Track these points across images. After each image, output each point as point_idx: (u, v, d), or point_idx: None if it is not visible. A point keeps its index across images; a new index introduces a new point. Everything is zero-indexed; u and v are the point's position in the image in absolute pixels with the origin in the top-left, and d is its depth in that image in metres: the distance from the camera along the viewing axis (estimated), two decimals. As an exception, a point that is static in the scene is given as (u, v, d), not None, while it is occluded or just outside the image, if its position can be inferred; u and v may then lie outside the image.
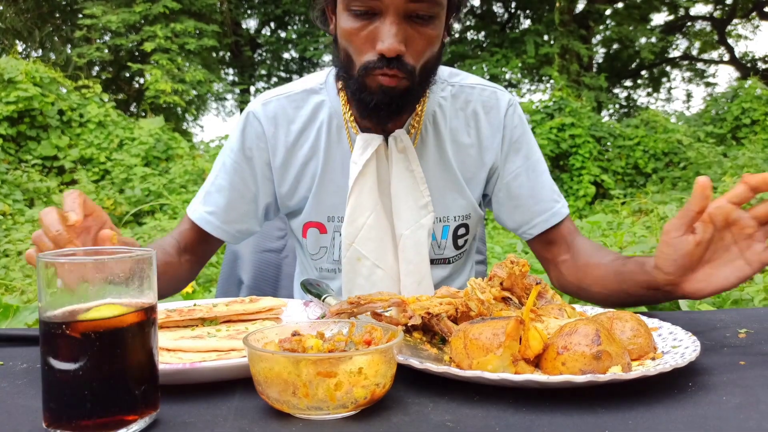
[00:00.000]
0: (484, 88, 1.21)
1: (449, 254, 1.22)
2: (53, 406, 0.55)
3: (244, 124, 1.18)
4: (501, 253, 3.88)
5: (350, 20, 1.01)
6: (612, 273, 1.05)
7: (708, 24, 16.35)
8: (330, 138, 1.16)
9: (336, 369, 0.57)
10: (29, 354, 0.84)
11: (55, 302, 0.55)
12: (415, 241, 1.14)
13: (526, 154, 1.20)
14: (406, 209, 1.13)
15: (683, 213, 0.84)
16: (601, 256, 1.11)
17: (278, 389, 0.58)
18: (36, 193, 7.00)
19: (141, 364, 0.57)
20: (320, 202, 1.18)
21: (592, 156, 8.92)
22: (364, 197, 1.12)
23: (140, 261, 0.57)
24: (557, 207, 1.19)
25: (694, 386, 0.67)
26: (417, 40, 1.01)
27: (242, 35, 15.49)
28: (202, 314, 0.87)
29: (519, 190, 1.19)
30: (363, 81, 1.03)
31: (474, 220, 1.22)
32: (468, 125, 1.19)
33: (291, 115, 1.17)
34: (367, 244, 1.13)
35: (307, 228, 1.21)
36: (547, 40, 13.47)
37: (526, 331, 0.68)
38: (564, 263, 1.18)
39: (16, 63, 7.95)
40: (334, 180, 1.16)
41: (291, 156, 1.17)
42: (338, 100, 1.16)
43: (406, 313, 0.80)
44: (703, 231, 0.83)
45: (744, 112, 9.70)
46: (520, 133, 1.20)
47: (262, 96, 1.21)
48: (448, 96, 1.18)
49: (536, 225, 1.19)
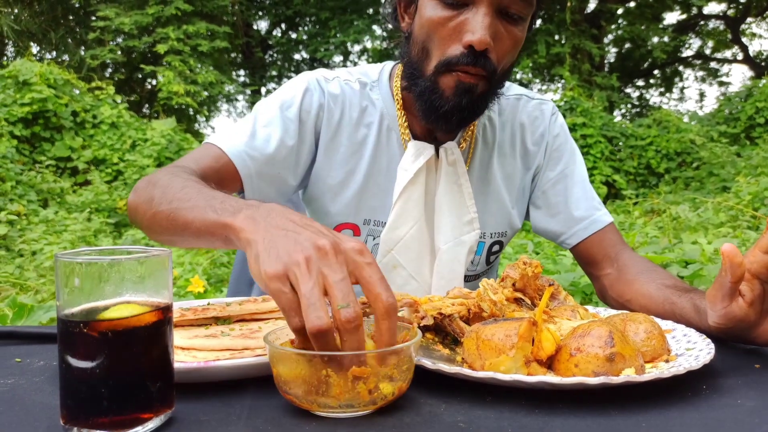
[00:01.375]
0: (530, 99, 1.20)
1: (480, 270, 1.21)
2: (70, 404, 0.56)
3: (306, 88, 1.10)
4: (512, 253, 3.87)
5: (438, 9, 0.96)
6: (661, 303, 0.95)
7: (721, 23, 16.19)
8: (379, 139, 1.12)
9: (371, 365, 0.58)
10: (46, 351, 0.85)
11: (73, 301, 0.56)
12: (451, 258, 1.11)
13: (566, 162, 1.18)
14: (448, 224, 1.10)
15: (720, 286, 0.76)
16: (652, 277, 1.01)
17: (306, 388, 0.58)
18: (50, 194, 7.08)
19: (157, 362, 0.58)
20: (360, 204, 1.13)
21: (604, 156, 8.87)
22: (411, 206, 1.09)
23: (155, 261, 0.58)
24: (597, 215, 1.15)
25: (708, 389, 0.66)
26: (504, 39, 0.97)
27: (253, 36, 15.57)
28: (215, 313, 0.88)
29: (556, 197, 1.17)
30: (437, 80, 0.98)
31: (508, 236, 1.21)
32: (514, 137, 1.18)
33: (350, 100, 1.12)
34: (406, 254, 1.10)
35: (340, 230, 1.15)
36: (558, 40, 13.39)
37: (539, 333, 0.68)
38: (607, 277, 1.12)
39: (30, 65, 8.06)
40: (378, 183, 1.12)
41: (337, 139, 1.11)
42: (392, 101, 1.13)
43: (418, 313, 0.81)
44: (751, 291, 0.75)
45: (758, 112, 9.59)
46: (561, 142, 1.19)
47: (320, 72, 1.14)
48: (495, 108, 1.17)
49: (575, 233, 1.16)
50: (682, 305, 0.90)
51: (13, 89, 7.83)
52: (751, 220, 4.73)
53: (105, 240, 5.73)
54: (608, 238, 1.15)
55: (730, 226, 4.52)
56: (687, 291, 0.93)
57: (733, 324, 0.77)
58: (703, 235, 3.87)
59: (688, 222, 4.91)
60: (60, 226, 5.92)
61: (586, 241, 1.15)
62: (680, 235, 4.08)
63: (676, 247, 3.36)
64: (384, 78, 1.15)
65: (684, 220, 4.98)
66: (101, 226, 6.23)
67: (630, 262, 1.09)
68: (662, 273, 1.03)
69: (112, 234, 6.34)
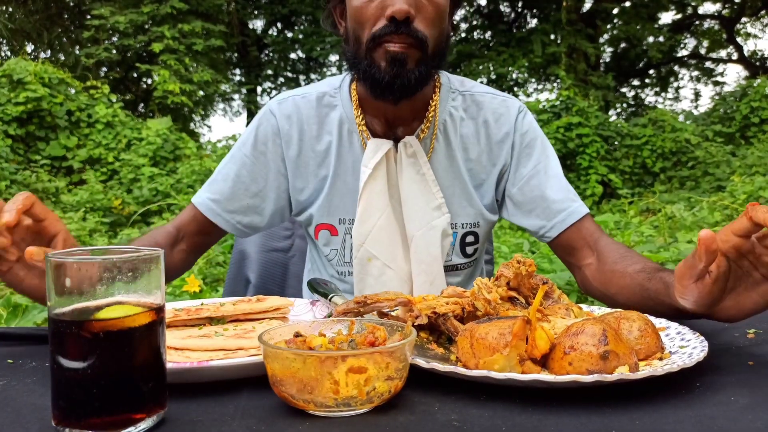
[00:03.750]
0: (494, 97, 1.22)
1: (457, 261, 1.22)
2: (62, 404, 0.56)
3: (260, 121, 1.21)
4: (508, 252, 3.87)
5: None
6: (637, 286, 0.98)
7: (716, 22, 16.25)
8: (341, 142, 1.18)
9: (367, 364, 0.58)
10: (38, 352, 0.85)
11: (64, 301, 0.56)
12: (426, 242, 1.14)
13: (537, 158, 1.19)
14: (417, 210, 1.15)
15: (691, 266, 0.78)
16: (626, 264, 1.05)
17: (301, 387, 0.58)
18: (44, 193, 7.06)
19: (149, 362, 0.58)
20: (331, 205, 1.19)
21: (600, 155, 8.89)
22: (375, 199, 1.13)
23: (148, 260, 0.58)
24: (574, 206, 1.17)
25: (702, 386, 0.66)
26: (426, 7, 1.03)
27: (249, 35, 15.54)
28: (209, 313, 0.88)
29: (532, 193, 1.18)
30: (372, 56, 1.04)
31: (483, 228, 1.22)
32: (478, 133, 1.19)
33: (305, 115, 1.19)
34: (377, 245, 1.15)
35: (319, 230, 1.22)
36: (554, 39, 13.43)
37: (533, 331, 0.68)
38: (588, 267, 1.14)
39: (25, 64, 8.03)
40: (345, 183, 1.18)
41: (304, 153, 1.19)
42: (351, 106, 1.18)
43: (412, 312, 0.81)
44: (717, 268, 0.76)
45: (753, 111, 9.64)
46: (531, 138, 1.20)
47: (278, 96, 1.23)
48: (458, 105, 1.20)
49: (553, 226, 1.17)
50: (655, 288, 0.93)
51: (8, 88, 7.80)
52: (746, 219, 4.74)
53: (100, 239, 5.71)
54: (586, 228, 1.16)
55: (725, 225, 4.54)
56: (656, 271, 0.97)
57: (696, 298, 0.79)
58: (698, 234, 3.88)
59: (683, 221, 4.92)
60: (55, 226, 5.88)
61: (565, 233, 1.17)
62: (675, 234, 4.09)
63: (672, 246, 3.37)
64: (345, 85, 1.20)
65: (679, 219, 5.00)
66: (96, 225, 6.22)
67: (607, 249, 1.11)
68: (633, 257, 1.06)
69: (108, 233, 6.33)
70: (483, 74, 13.98)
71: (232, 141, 9.42)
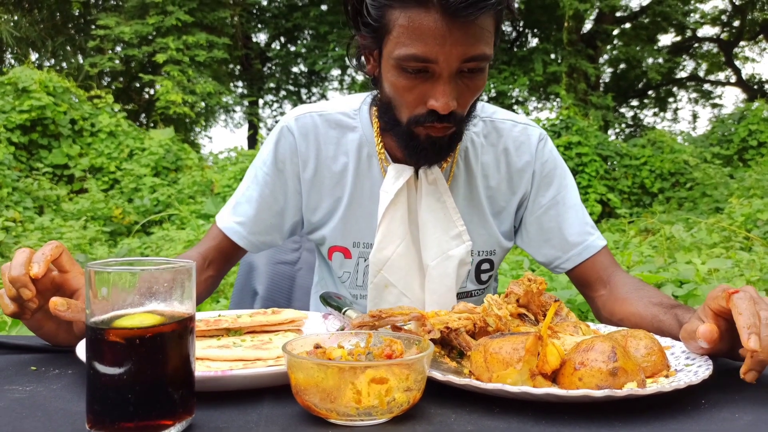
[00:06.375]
0: (515, 124, 1.21)
1: (471, 288, 1.23)
2: (97, 408, 0.58)
3: (278, 137, 1.19)
4: (508, 269, 3.89)
5: (402, 77, 1.00)
6: (650, 321, 0.99)
7: (715, 46, 16.44)
8: (360, 165, 1.17)
9: (388, 375, 0.61)
10: (59, 360, 0.87)
11: (101, 309, 0.58)
12: (441, 272, 1.14)
13: (557, 188, 1.20)
14: (434, 240, 1.14)
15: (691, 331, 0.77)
16: (641, 295, 1.05)
17: (323, 396, 0.61)
18: (46, 201, 7.08)
19: (179, 370, 0.60)
20: (346, 228, 1.19)
21: (599, 175, 8.95)
22: (395, 226, 1.13)
23: (181, 272, 0.61)
24: (590, 240, 1.17)
25: (708, 403, 0.69)
26: (466, 93, 1.02)
27: (252, 48, 15.67)
28: (227, 324, 0.90)
29: (549, 223, 1.19)
30: (412, 130, 1.04)
31: (499, 255, 1.23)
32: (498, 161, 1.20)
33: (323, 134, 1.18)
34: (395, 273, 1.14)
35: (332, 252, 1.22)
36: (555, 59, 13.56)
37: (545, 347, 0.70)
38: (600, 298, 1.15)
39: (29, 72, 8.08)
40: (362, 206, 1.18)
41: (320, 172, 1.19)
42: (371, 129, 1.17)
43: (425, 327, 0.83)
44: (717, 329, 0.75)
45: (751, 134, 9.72)
46: (551, 168, 1.20)
47: (296, 110, 1.22)
48: (480, 132, 1.20)
49: (568, 259, 1.18)
50: (669, 322, 0.95)
51: (12, 96, 7.85)
52: (744, 242, 4.79)
53: (100, 248, 5.72)
54: (600, 262, 1.17)
55: (723, 247, 4.57)
56: (672, 307, 0.98)
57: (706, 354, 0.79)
58: (696, 255, 3.91)
59: (682, 242, 4.96)
60: (55, 234, 5.91)
61: (580, 266, 1.18)
62: (674, 254, 4.13)
63: (671, 266, 3.40)
64: (364, 108, 1.20)
65: (678, 240, 5.03)
66: (97, 234, 6.23)
67: (620, 282, 1.12)
68: (650, 291, 1.07)
69: (108, 243, 6.34)
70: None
71: (233, 153, 9.44)
